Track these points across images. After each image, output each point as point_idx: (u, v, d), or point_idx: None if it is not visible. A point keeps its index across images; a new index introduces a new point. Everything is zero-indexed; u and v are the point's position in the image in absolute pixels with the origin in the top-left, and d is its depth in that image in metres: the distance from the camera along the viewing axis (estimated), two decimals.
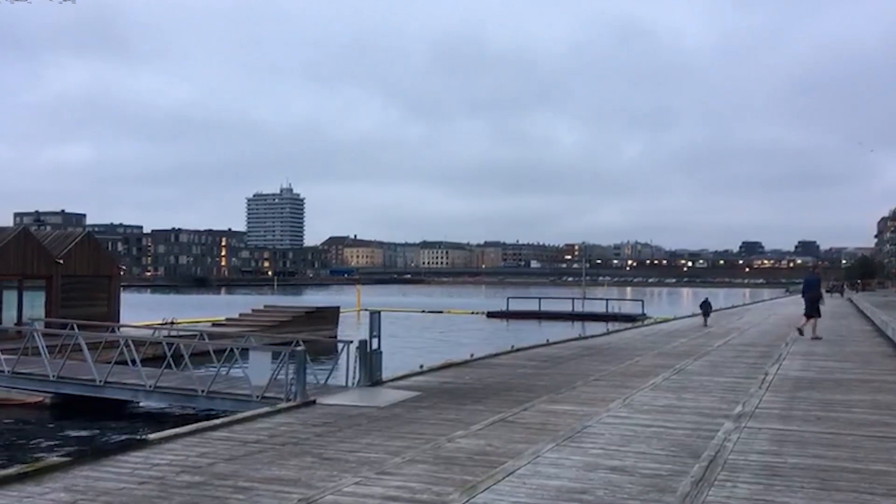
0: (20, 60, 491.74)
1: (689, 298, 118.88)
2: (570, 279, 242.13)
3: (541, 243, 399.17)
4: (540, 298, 64.91)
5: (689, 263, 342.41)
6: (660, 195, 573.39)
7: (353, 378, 17.16)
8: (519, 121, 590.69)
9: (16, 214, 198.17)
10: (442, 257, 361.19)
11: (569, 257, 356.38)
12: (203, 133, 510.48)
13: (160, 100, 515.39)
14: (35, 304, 29.00)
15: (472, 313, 65.91)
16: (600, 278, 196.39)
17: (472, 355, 22.82)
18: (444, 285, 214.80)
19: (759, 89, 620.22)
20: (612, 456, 10.09)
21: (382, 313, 18.30)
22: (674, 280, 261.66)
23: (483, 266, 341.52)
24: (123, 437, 15.26)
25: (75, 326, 21.55)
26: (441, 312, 67.08)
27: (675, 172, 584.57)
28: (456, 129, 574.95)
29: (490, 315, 62.58)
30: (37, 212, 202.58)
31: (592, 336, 32.85)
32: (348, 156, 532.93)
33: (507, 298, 65.57)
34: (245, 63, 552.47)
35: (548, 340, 28.40)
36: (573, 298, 63.85)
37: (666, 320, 47.92)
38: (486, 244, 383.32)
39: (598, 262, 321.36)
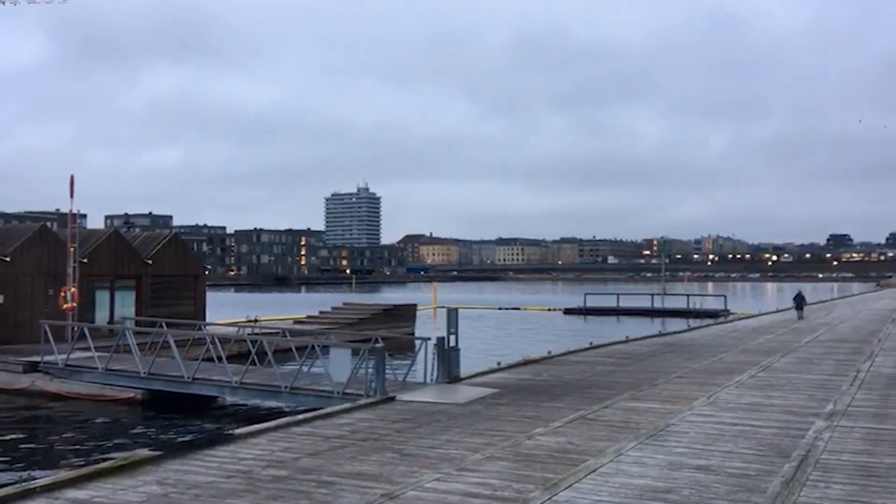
0: (118, 67, 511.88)
1: (773, 294, 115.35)
2: (649, 275, 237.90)
3: (618, 239, 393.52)
4: (618, 295, 64.00)
5: (774, 258, 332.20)
6: (744, 187, 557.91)
7: (432, 375, 17.25)
8: (601, 114, 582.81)
9: (107, 217, 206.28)
10: (517, 254, 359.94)
11: (647, 253, 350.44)
12: (286, 134, 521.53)
13: (247, 102, 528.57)
14: (126, 304, 30.12)
15: (549, 310, 65.48)
16: (680, 273, 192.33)
17: (549, 352, 22.67)
18: (520, 282, 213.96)
19: (852, 76, 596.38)
20: (698, 455, 9.87)
21: (459, 311, 18.34)
22: (757, 275, 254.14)
23: (559, 262, 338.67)
24: (211, 432, 15.70)
25: (164, 325, 22.30)
26: (517, 309, 66.86)
27: (760, 163, 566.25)
28: (536, 125, 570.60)
29: (567, 312, 62.04)
30: (126, 214, 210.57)
31: (673, 332, 32.23)
32: (427, 154, 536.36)
33: (585, 295, 64.83)
34: (329, 64, 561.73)
35: (627, 337, 27.99)
36: (652, 294, 62.73)
37: (750, 316, 46.62)
38: (563, 240, 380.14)
39: (678, 257, 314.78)
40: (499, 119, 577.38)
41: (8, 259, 25.50)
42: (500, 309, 66.46)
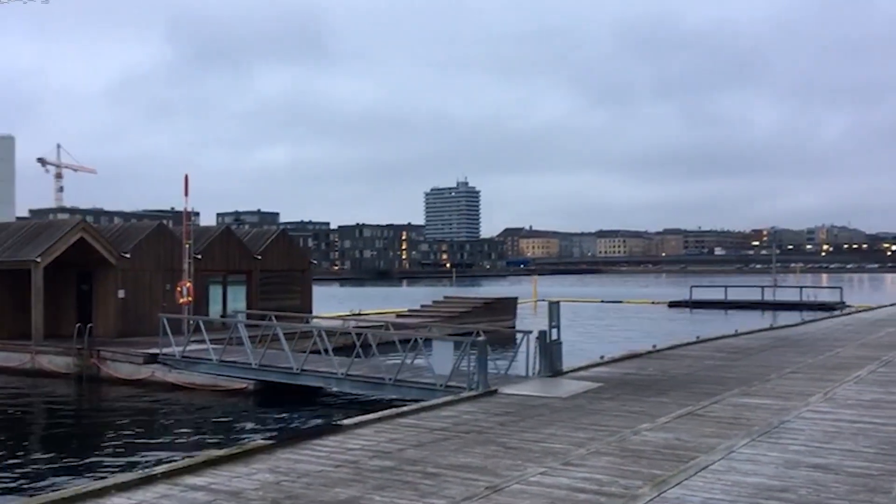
0: (232, 70, 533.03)
1: (893, 285, 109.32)
2: (759, 266, 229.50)
3: (725, 229, 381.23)
4: (725, 287, 61.98)
5: (894, 247, 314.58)
6: (861, 174, 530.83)
7: (534, 368, 17.19)
8: (710, 101, 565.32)
9: (218, 214, 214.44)
10: (619, 246, 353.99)
11: (756, 243, 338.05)
12: (389, 131, 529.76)
13: (353, 100, 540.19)
14: (237, 298, 31.27)
15: (653, 303, 64.10)
16: (792, 265, 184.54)
17: (654, 346, 22.21)
18: (622, 274, 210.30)
19: None
20: (815, 453, 9.47)
21: (560, 304, 18.19)
22: (875, 266, 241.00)
23: (663, 254, 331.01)
24: (319, 422, 16.13)
25: (273, 318, 23.03)
26: (620, 302, 65.75)
27: (880, 150, 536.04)
28: (642, 113, 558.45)
29: (672, 305, 60.55)
30: (236, 212, 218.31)
31: (786, 326, 31.02)
32: (527, 146, 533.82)
33: (690, 287, 63.07)
34: (432, 59, 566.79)
35: (736, 331, 27.11)
36: (762, 286, 60.47)
37: (868, 309, 44.37)
38: (666, 231, 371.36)
39: (790, 247, 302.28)
40: (602, 109, 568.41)
41: (128, 256, 26.87)
42: (601, 302, 65.51)
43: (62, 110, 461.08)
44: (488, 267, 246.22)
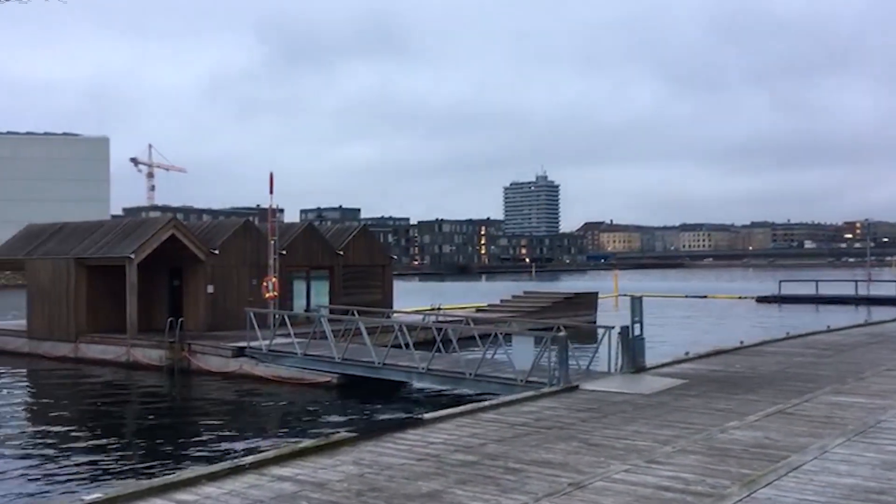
0: (318, 69, 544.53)
1: None
2: (852, 260, 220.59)
3: (815, 222, 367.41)
4: (816, 281, 59.76)
5: None
6: None
7: (616, 364, 16.96)
8: (803, 88, 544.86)
9: (301, 211, 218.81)
10: (703, 240, 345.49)
11: (849, 236, 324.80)
12: (471, 126, 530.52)
13: (436, 96, 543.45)
14: (320, 293, 31.86)
15: (739, 298, 62.33)
16: (888, 258, 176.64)
17: (741, 342, 21.62)
18: (707, 269, 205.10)
19: None
20: None
21: (643, 299, 17.89)
22: None
23: (750, 248, 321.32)
24: (400, 416, 16.29)
25: (355, 313, 23.37)
26: (704, 297, 64.19)
27: None
28: (731, 103, 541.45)
29: (759, 300, 58.75)
30: (318, 208, 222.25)
31: (882, 322, 29.72)
32: (611, 139, 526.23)
33: (779, 282, 61.05)
34: (517, 53, 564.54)
35: (828, 327, 26.14)
36: (856, 281, 58.05)
37: None
38: (753, 225, 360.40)
39: (885, 240, 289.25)
40: (690, 99, 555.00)
41: (217, 252, 27.70)
42: (685, 297, 64.09)
43: (156, 111, 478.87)
44: (568, 262, 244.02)
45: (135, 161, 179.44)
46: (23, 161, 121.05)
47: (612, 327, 17.43)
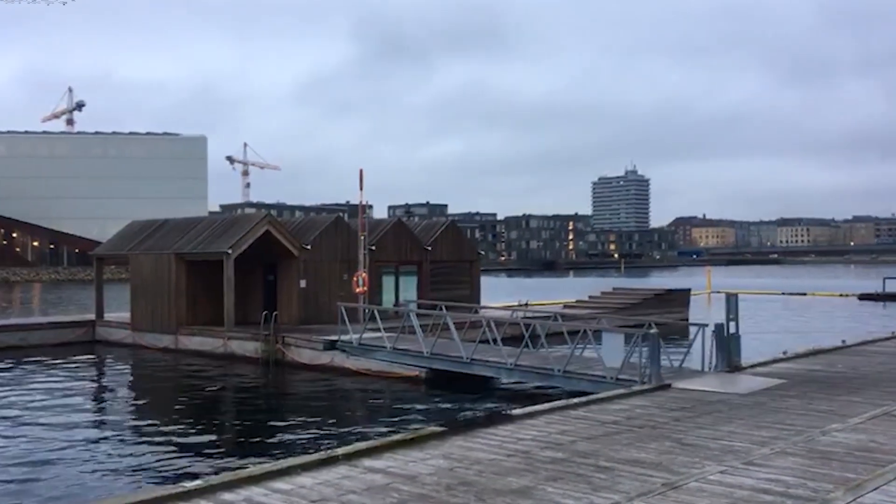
0: (410, 65, 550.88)
1: None
2: None
3: None
4: None
5: None
6: None
7: (709, 363, 16.54)
8: None
9: (389, 207, 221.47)
10: (802, 235, 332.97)
11: None
12: (561, 120, 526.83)
13: (528, 91, 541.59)
14: (408, 288, 32.19)
15: (840, 296, 59.79)
16: None
17: (843, 342, 20.77)
18: (805, 265, 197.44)
19: None
20: None
21: (738, 296, 17.39)
22: None
23: (851, 244, 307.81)
24: (489, 411, 16.31)
25: (443, 308, 23.52)
26: (803, 295, 61.83)
27: None
28: (838, 93, 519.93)
29: (862, 297, 56.18)
30: (406, 204, 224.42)
31: None
32: (706, 131, 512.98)
33: (884, 279, 58.24)
34: (612, 45, 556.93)
35: None
36: None
37: None
38: (855, 219, 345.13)
39: None
40: (794, 89, 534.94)
41: (309, 248, 28.32)
42: (782, 294, 61.93)
43: (254, 110, 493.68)
44: (658, 257, 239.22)
45: (230, 159, 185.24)
46: (126, 160, 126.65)
47: (706, 325, 17.01)
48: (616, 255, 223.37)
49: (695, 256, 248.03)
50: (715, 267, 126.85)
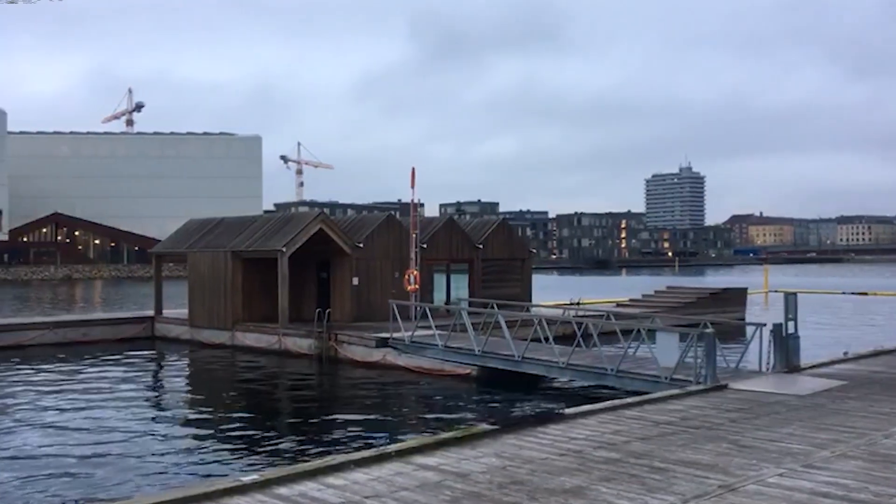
0: (466, 63, 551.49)
1: None
2: None
3: None
4: None
5: None
6: None
7: (767, 363, 16.23)
8: None
9: (441, 205, 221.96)
10: (863, 233, 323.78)
11: None
12: (616, 116, 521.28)
13: (584, 86, 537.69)
14: (460, 286, 32.22)
15: None
16: None
17: None
18: (867, 264, 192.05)
19: None
20: None
21: (796, 295, 17.02)
22: None
23: None
24: (541, 410, 16.25)
25: (495, 306, 23.49)
26: (864, 294, 60.17)
27: None
28: None
29: None
30: (458, 202, 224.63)
31: None
32: (766, 127, 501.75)
33: None
34: (671, 39, 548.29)
35: None
36: None
37: None
38: None
39: None
40: (861, 83, 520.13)
41: (361, 246, 28.56)
42: (843, 294, 60.34)
43: (309, 109, 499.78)
44: (714, 256, 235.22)
45: (284, 158, 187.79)
46: (184, 160, 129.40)
47: (764, 324, 16.68)
48: (670, 254, 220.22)
49: (752, 255, 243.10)
50: (772, 265, 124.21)
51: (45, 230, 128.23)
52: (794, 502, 7.14)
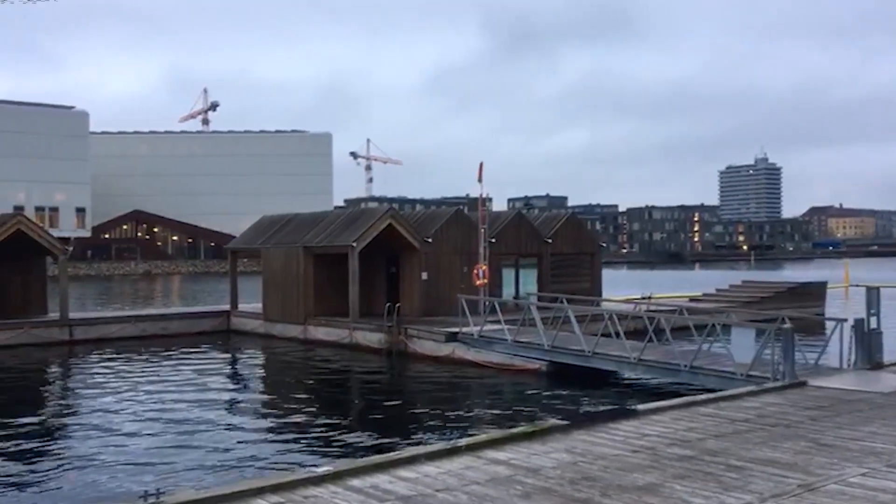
0: (538, 56, 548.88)
1: None
2: None
3: None
4: None
5: None
6: None
7: (848, 360, 15.70)
8: None
9: (509, 200, 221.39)
10: None
11: None
12: (690, 108, 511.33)
13: (659, 77, 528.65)
14: (528, 280, 32.08)
15: None
16: None
17: None
18: None
19: None
20: None
21: (879, 290, 16.40)
22: None
23: None
24: (612, 406, 16.06)
25: (564, 300, 23.31)
26: None
27: None
28: None
29: None
30: (526, 196, 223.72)
31: None
32: (848, 116, 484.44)
33: None
34: (750, 26, 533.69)
35: None
36: None
37: None
38: None
39: None
40: None
41: (430, 241, 28.70)
42: None
43: (379, 105, 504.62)
44: (791, 249, 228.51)
45: (354, 155, 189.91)
46: (257, 157, 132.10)
47: (845, 320, 16.13)
48: (745, 247, 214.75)
49: (831, 248, 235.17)
50: (853, 259, 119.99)
51: (125, 227, 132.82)
52: (878, 503, 6.89)
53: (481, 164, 26.90)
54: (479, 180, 26.83)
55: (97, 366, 23.64)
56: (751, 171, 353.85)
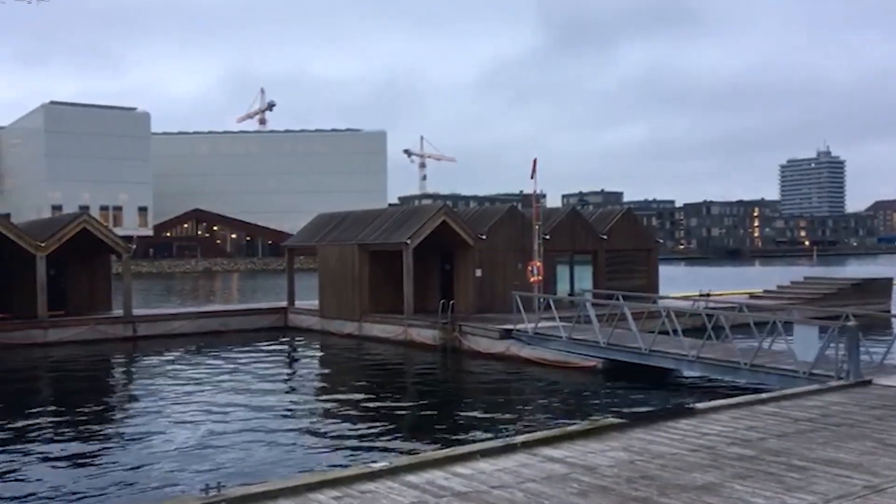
0: (593, 50, 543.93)
1: None
2: None
3: None
4: None
5: None
6: None
7: None
8: None
9: (563, 196, 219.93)
10: None
11: None
12: (750, 101, 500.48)
13: (718, 70, 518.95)
14: (583, 277, 31.83)
15: None
16: None
17: None
18: None
19: None
20: None
21: None
22: None
23: None
24: (670, 404, 15.84)
25: (620, 297, 23.07)
26: None
27: None
28: None
29: None
30: (580, 192, 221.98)
31: None
32: None
33: None
34: (814, 16, 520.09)
35: None
36: None
37: None
38: None
39: None
40: None
41: (484, 237, 28.69)
42: None
43: (434, 102, 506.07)
44: (855, 244, 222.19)
45: (408, 152, 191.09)
46: (313, 156, 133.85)
47: None
48: (807, 243, 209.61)
49: None
50: None
51: (186, 226, 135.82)
52: None
53: (535, 161, 26.77)
54: (533, 177, 26.71)
55: (159, 360, 24.24)
56: (813, 165, 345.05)
